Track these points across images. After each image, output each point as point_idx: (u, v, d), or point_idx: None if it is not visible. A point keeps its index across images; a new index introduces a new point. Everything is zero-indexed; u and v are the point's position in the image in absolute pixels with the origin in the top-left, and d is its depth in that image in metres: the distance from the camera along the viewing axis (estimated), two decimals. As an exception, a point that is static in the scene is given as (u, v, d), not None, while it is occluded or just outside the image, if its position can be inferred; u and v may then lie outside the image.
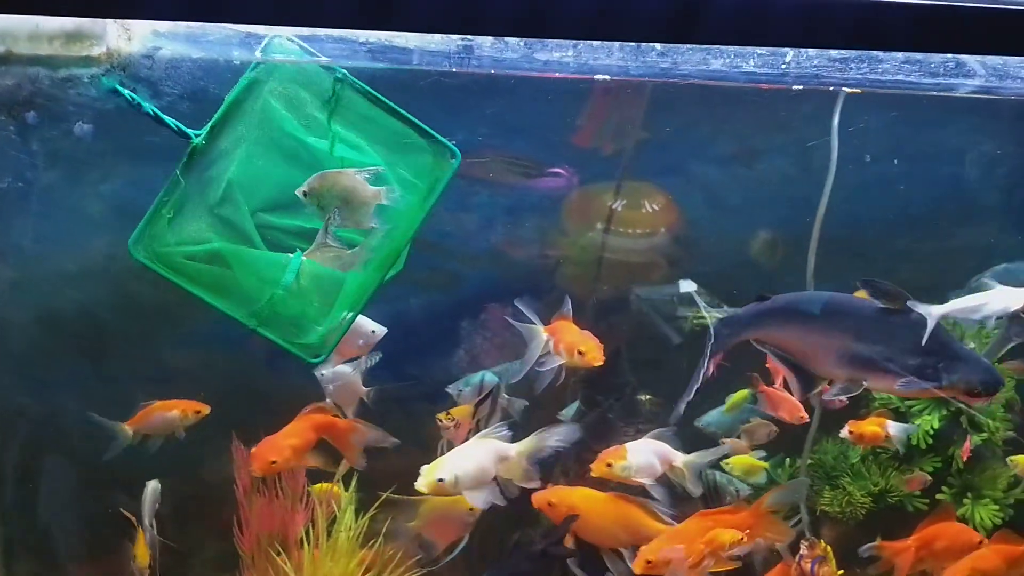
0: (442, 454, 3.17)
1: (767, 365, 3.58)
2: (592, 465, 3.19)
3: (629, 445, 3.19)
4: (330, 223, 2.71)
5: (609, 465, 3.14)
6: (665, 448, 3.24)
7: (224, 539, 3.38)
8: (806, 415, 3.57)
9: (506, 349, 3.81)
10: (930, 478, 3.85)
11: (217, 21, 2.61)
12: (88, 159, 3.17)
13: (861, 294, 3.25)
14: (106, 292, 3.48)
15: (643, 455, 3.17)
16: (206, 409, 3.36)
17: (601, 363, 3.27)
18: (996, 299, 3.12)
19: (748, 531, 3.12)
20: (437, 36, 2.82)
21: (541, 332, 3.26)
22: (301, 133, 2.79)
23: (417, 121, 2.79)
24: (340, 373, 3.34)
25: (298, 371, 3.08)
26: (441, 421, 3.23)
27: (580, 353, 3.23)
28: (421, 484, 2.88)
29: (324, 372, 3.29)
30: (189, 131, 2.66)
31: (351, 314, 2.78)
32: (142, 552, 3.14)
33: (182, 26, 2.72)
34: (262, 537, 3.36)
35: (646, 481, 3.16)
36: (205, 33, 2.76)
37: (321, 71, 2.75)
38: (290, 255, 2.75)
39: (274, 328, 2.73)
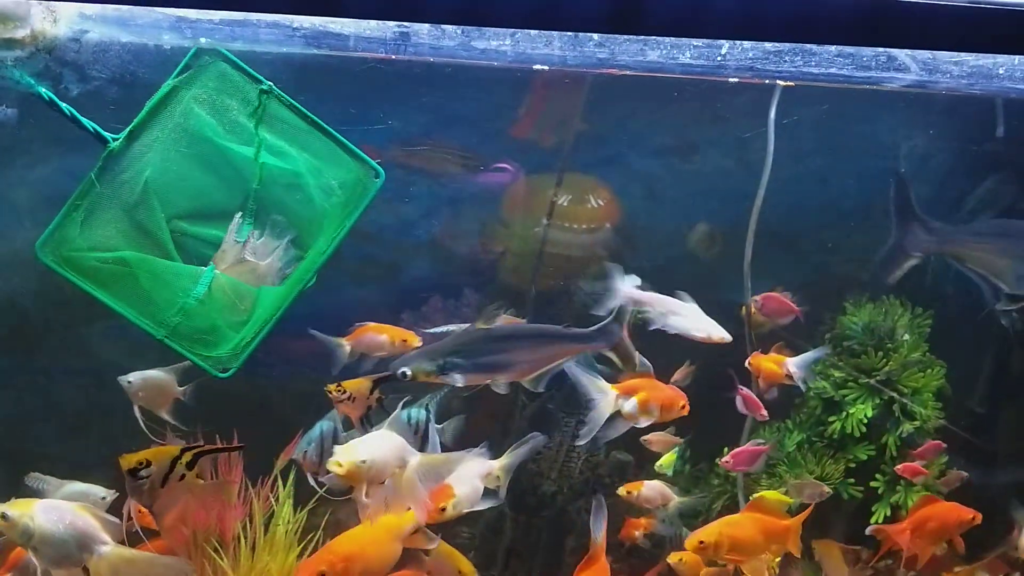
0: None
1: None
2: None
3: (449, 480, 3.00)
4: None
5: (443, 509, 2.97)
6: (479, 464, 3.12)
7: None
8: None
9: (446, 341, 3.80)
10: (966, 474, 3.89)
11: (148, 4, 2.56)
12: (11, 144, 3.09)
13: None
14: (31, 282, 3.39)
15: (466, 483, 3.05)
16: (414, 340, 3.29)
17: None
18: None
19: None
20: (373, 22, 2.80)
21: (610, 391, 3.11)
22: (224, 139, 2.74)
23: (342, 139, 2.76)
24: (149, 378, 3.22)
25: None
26: (331, 393, 3.07)
27: (682, 408, 3.18)
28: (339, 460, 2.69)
29: (131, 380, 3.18)
30: (107, 134, 2.61)
31: (265, 327, 2.74)
32: None
33: (110, 9, 2.67)
34: (198, 533, 3.29)
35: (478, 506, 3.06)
36: (134, 16, 2.70)
37: (247, 82, 2.71)
38: (202, 267, 2.71)
39: (184, 339, 2.69)
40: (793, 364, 3.53)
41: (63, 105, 2.57)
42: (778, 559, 3.67)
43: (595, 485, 3.90)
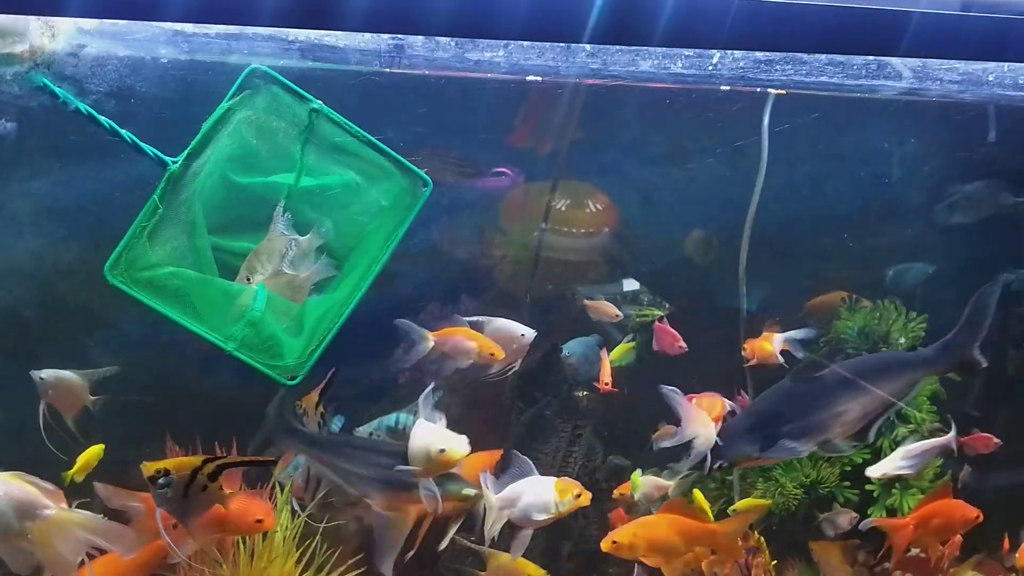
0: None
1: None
2: None
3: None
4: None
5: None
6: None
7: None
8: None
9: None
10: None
11: (145, 19, 2.59)
12: (11, 157, 3.12)
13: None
14: (32, 292, 3.42)
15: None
16: (501, 353, 3.25)
17: None
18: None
19: None
20: (368, 35, 2.83)
21: (710, 422, 3.16)
22: (269, 157, 2.81)
23: (389, 150, 2.82)
24: (62, 378, 3.21)
25: (229, 373, 3.05)
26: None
27: None
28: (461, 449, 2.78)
29: (44, 376, 3.17)
30: (166, 158, 2.66)
31: (327, 336, 2.81)
32: None
33: (108, 23, 2.69)
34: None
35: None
36: (132, 31, 2.73)
37: (296, 102, 2.76)
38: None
39: (252, 350, 2.74)
40: (782, 339, 3.57)
41: (124, 133, 2.63)
42: (775, 563, 3.70)
43: (593, 490, 3.92)
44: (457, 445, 2.77)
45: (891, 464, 3.47)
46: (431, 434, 2.83)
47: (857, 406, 3.24)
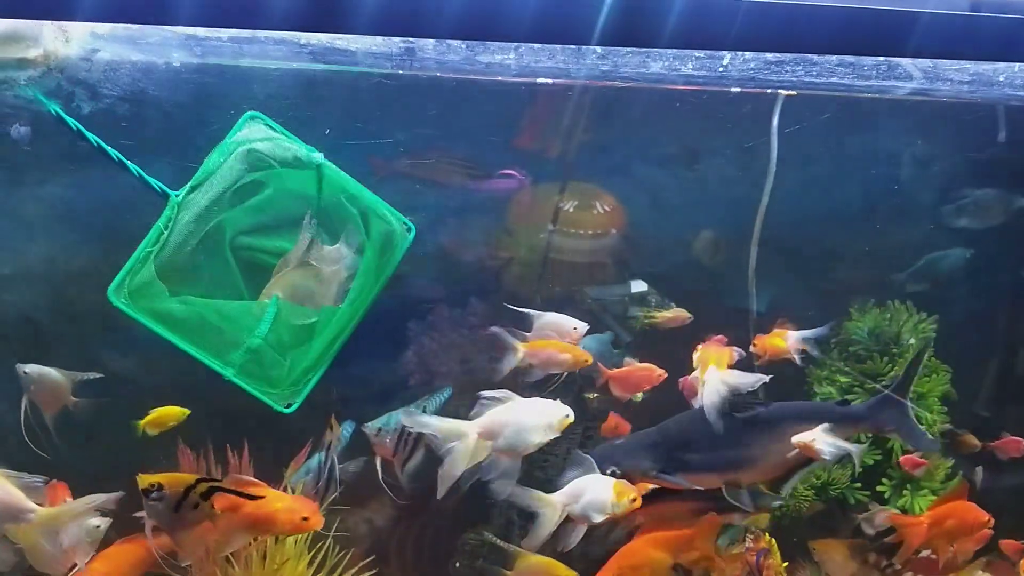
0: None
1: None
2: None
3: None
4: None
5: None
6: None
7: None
8: None
9: (453, 350, 3.83)
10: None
11: (158, 23, 2.60)
12: (24, 161, 3.13)
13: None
14: (44, 296, 3.43)
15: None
16: (590, 359, 3.26)
17: None
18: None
19: None
20: (379, 38, 2.84)
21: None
22: (283, 177, 2.84)
23: (378, 199, 2.90)
24: (45, 375, 3.18)
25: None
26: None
27: None
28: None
29: (28, 371, 3.14)
30: (170, 192, 2.70)
31: (323, 365, 2.89)
32: None
33: (121, 28, 2.71)
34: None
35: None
36: (144, 35, 2.74)
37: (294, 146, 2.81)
38: (265, 302, 2.80)
39: (251, 376, 2.80)
40: (799, 336, 3.51)
41: (131, 166, 2.68)
42: (785, 564, 3.70)
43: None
44: (565, 408, 2.82)
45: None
46: (535, 408, 2.84)
47: (773, 452, 3.16)
